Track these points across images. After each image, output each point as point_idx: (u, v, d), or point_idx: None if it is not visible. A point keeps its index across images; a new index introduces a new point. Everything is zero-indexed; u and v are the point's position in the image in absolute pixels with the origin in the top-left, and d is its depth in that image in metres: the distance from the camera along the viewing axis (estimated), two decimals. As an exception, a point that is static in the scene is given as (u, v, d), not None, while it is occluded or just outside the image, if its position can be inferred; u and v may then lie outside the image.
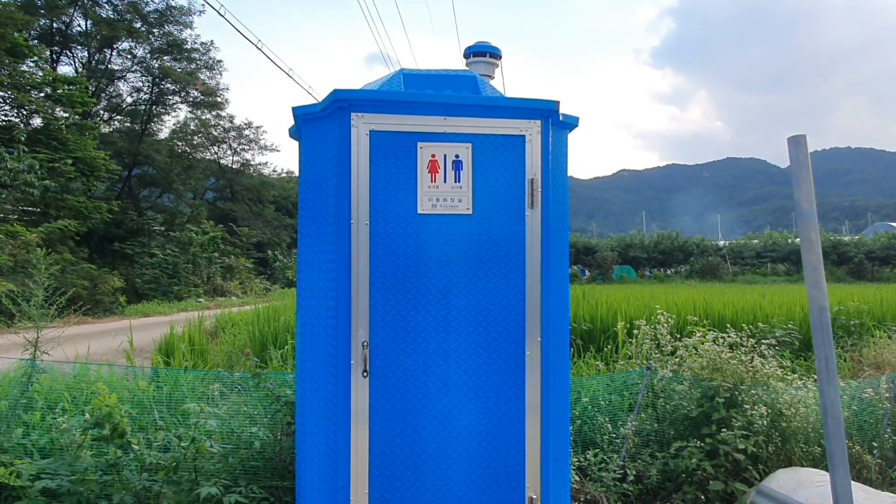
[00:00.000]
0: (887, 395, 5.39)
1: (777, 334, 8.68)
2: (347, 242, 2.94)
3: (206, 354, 9.97)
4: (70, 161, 22.93)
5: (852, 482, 4.03)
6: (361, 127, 2.95)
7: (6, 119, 24.12)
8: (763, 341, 5.66)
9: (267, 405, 4.55)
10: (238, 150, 47.99)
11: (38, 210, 23.30)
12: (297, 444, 3.26)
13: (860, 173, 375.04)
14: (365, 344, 2.94)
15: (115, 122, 38.40)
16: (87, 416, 3.85)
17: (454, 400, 3.01)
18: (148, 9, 34.24)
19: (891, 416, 5.37)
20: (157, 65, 36.15)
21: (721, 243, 56.11)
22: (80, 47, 33.98)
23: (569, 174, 3.38)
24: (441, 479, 2.99)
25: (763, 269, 48.72)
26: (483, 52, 3.95)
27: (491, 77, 3.96)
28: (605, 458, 4.87)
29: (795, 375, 5.40)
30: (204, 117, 42.50)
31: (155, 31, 35.43)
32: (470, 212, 3.02)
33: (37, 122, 24.85)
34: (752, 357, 5.24)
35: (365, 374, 2.94)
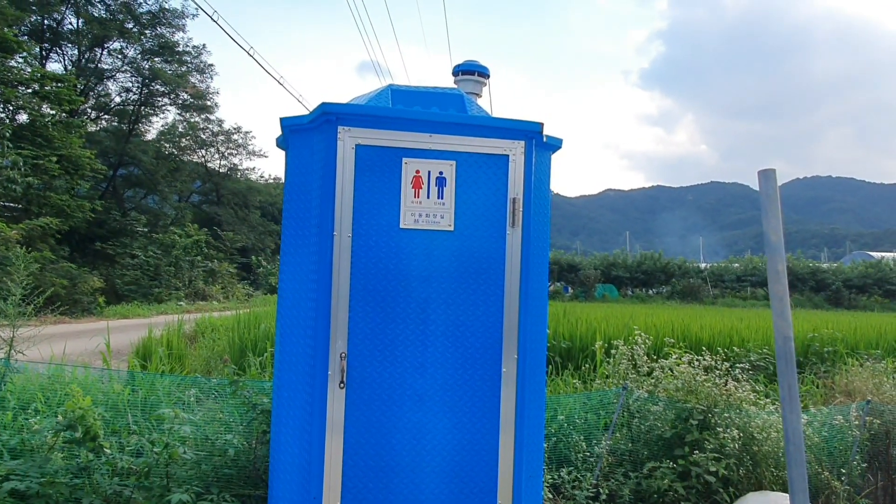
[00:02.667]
0: (857, 422, 5.49)
1: (752, 359, 8.78)
2: (330, 253, 2.97)
3: (184, 359, 9.89)
4: (55, 158, 22.72)
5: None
6: (348, 140, 2.99)
7: (-8, 114, 23.88)
8: (738, 365, 5.74)
9: (243, 413, 4.54)
10: (226, 154, 47.86)
11: (20, 206, 23.02)
12: (271, 453, 3.26)
13: (840, 202, 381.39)
14: (343, 355, 2.96)
15: (103, 122, 38.10)
16: (60, 417, 3.81)
17: (429, 414, 3.03)
18: (141, 10, 34.14)
19: (860, 444, 5.46)
20: (147, 66, 35.97)
21: (702, 266, 56.62)
22: (70, 45, 33.72)
23: (555, 192, 3.45)
24: (413, 492, 3.01)
25: (743, 293, 49.26)
26: (471, 71, 4.02)
27: (478, 95, 4.03)
28: (578, 476, 4.91)
29: (768, 400, 5.49)
30: (192, 120, 42.31)
31: (147, 32, 35.26)
32: (451, 228, 3.07)
33: (23, 118, 24.59)
34: (727, 381, 5.32)
35: (342, 385, 2.96)
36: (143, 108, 38.05)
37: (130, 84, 37.13)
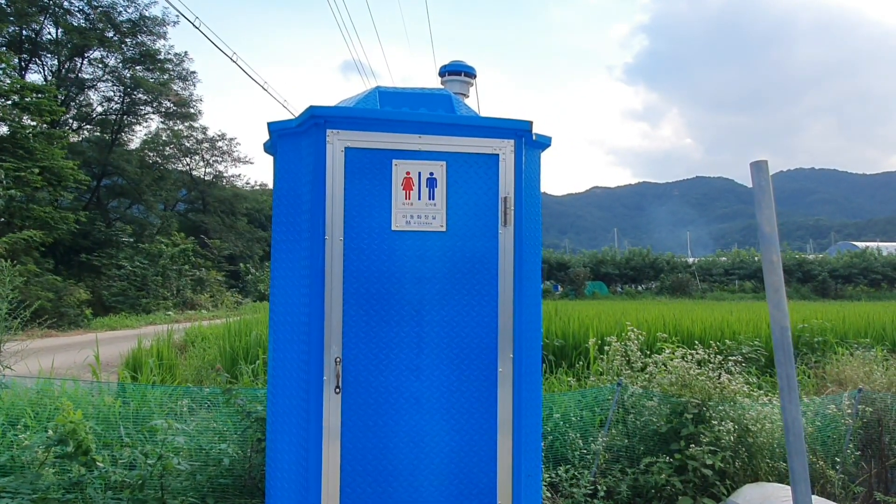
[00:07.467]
0: (849, 411, 5.53)
1: (744, 351, 8.84)
2: (321, 258, 2.95)
3: (174, 369, 9.79)
4: (37, 170, 22.45)
5: (816, 497, 4.11)
6: (337, 143, 2.97)
7: (-29, 127, 23.58)
8: (730, 358, 5.77)
9: (237, 421, 4.49)
10: (211, 161, 47.51)
11: (2, 220, 22.73)
12: (267, 461, 3.23)
13: (824, 193, 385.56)
14: (338, 360, 2.94)
15: (85, 132, 37.69)
16: (51, 432, 3.76)
17: (426, 416, 3.01)
18: (121, 18, 33.81)
19: (853, 432, 5.50)
20: (128, 74, 35.64)
21: (690, 260, 56.90)
22: (49, 55, 33.33)
23: (542, 190, 3.44)
24: (413, 495, 2.99)
25: (731, 286, 49.59)
26: (458, 71, 4.01)
27: (466, 96, 4.02)
28: (576, 473, 4.91)
29: (761, 392, 5.51)
30: (176, 128, 41.99)
31: (127, 40, 34.93)
32: (444, 229, 3.05)
33: (3, 129, 24.30)
34: (720, 373, 5.34)
35: (337, 390, 2.93)
36: (125, 117, 37.70)
37: (112, 93, 36.80)
